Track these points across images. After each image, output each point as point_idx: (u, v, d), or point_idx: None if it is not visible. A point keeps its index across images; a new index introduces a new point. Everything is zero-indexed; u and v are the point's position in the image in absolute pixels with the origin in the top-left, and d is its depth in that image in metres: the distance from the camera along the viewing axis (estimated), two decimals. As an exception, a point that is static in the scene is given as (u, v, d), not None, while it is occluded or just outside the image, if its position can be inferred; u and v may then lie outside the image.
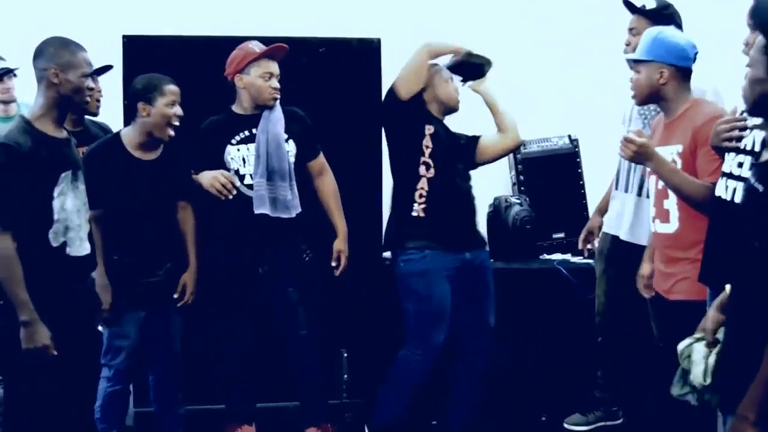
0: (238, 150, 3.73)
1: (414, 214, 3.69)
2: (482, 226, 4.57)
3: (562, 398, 4.16)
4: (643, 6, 3.71)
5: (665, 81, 3.12)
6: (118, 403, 3.55)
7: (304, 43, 4.17)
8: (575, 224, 4.38)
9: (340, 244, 3.88)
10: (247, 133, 3.74)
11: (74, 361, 2.98)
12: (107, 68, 3.74)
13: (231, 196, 3.64)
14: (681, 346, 2.48)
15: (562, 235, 4.60)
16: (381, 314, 4.09)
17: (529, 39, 4.87)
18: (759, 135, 2.50)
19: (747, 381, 2.11)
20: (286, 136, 3.75)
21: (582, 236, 4.11)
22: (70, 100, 3.01)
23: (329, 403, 3.95)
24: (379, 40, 4.22)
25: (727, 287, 2.38)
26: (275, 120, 3.73)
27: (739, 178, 2.60)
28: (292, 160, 3.75)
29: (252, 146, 3.71)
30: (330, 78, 4.15)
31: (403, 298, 3.72)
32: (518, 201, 4.49)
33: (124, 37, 4.05)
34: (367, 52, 4.19)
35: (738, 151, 2.67)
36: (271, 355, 3.94)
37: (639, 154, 2.97)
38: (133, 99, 3.48)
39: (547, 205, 4.59)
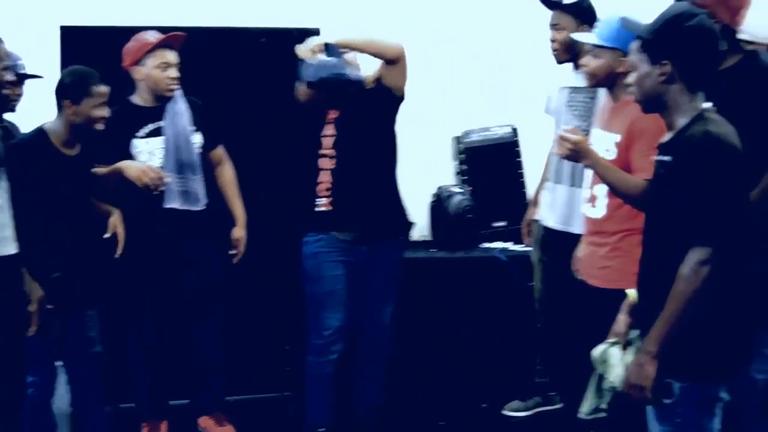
0: (146, 143, 3.68)
1: (318, 209, 3.65)
2: (424, 215, 4.65)
3: (502, 385, 4.22)
4: (560, 1, 3.77)
5: (623, 70, 3.15)
6: (43, 408, 3.43)
7: (245, 34, 4.16)
8: (516, 213, 4.44)
9: (239, 232, 3.90)
10: (152, 126, 3.69)
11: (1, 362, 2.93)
12: (35, 77, 3.65)
13: (161, 191, 3.58)
14: (596, 352, 2.56)
15: (503, 223, 4.66)
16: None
17: (468, 29, 4.90)
18: None
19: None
20: (193, 128, 3.74)
21: (524, 229, 4.18)
22: None
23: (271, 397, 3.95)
24: (318, 30, 4.22)
25: (632, 291, 2.51)
26: (180, 112, 3.72)
27: None
28: (200, 151, 3.76)
29: (159, 139, 3.68)
30: (270, 67, 4.15)
31: (302, 283, 3.71)
32: (460, 190, 4.54)
33: (61, 27, 4.01)
34: (290, 41, 4.18)
35: None
36: (183, 351, 3.93)
37: (574, 152, 2.97)
38: (60, 93, 3.32)
39: (489, 194, 4.64)
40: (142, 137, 3.68)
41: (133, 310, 3.75)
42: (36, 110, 3.68)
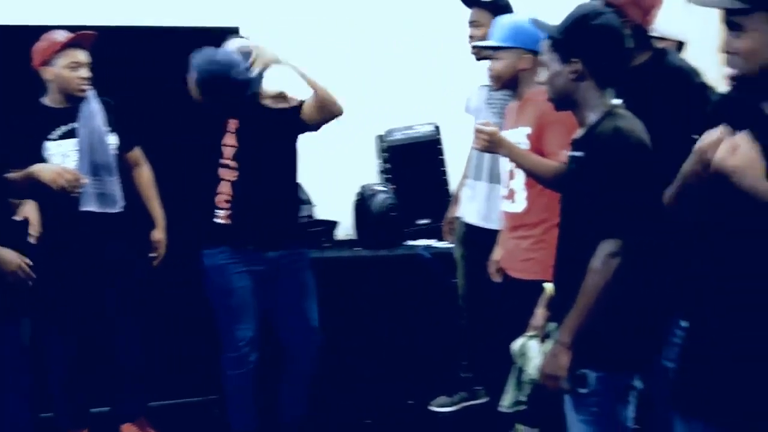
0: (59, 146, 3.60)
1: (217, 221, 3.57)
2: (349, 214, 4.65)
3: (428, 382, 4.24)
4: None
5: (526, 66, 3.22)
6: None
7: (163, 33, 4.11)
8: (439, 210, 4.46)
9: (159, 234, 3.87)
10: (65, 128, 3.61)
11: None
12: None
13: (77, 193, 3.49)
14: (515, 345, 2.61)
15: (426, 221, 4.68)
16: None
17: (390, 28, 4.92)
18: None
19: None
20: (108, 129, 3.68)
21: (445, 227, 4.21)
22: None
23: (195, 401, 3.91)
24: (237, 29, 4.18)
25: (549, 285, 2.56)
26: (94, 113, 3.65)
27: None
28: (116, 152, 3.70)
29: (73, 141, 3.60)
30: (187, 67, 4.09)
31: (209, 296, 3.62)
32: (383, 189, 4.54)
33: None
34: (206, 41, 4.14)
35: None
36: (104, 357, 3.86)
37: (491, 143, 3.05)
38: None
39: (412, 192, 4.66)
40: (55, 139, 3.60)
41: (52, 316, 3.66)
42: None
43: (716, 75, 2.11)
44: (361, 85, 4.85)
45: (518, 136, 3.20)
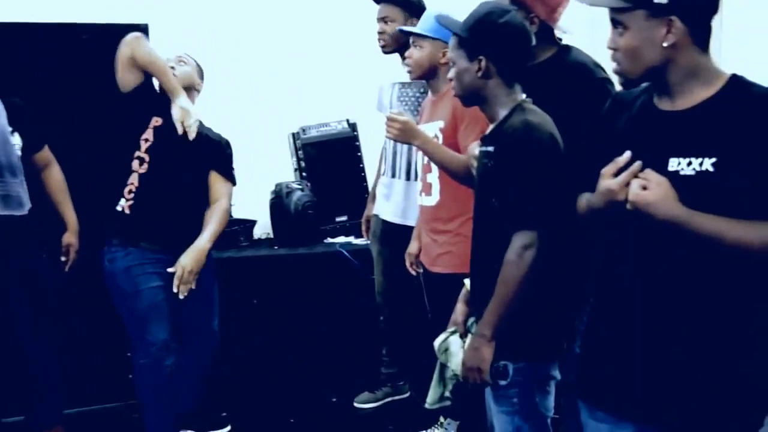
0: None
1: (119, 209, 3.49)
2: (266, 212, 4.61)
3: (351, 378, 4.24)
4: None
5: (444, 61, 3.22)
6: None
7: (68, 29, 4.01)
8: (357, 207, 4.46)
9: (70, 238, 3.80)
10: None
11: None
12: None
13: None
14: (437, 342, 2.62)
15: (344, 218, 4.67)
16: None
17: (303, 25, 4.90)
18: None
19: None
20: (10, 129, 3.56)
21: (363, 225, 4.21)
22: None
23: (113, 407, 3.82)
24: (146, 26, 4.11)
25: (467, 281, 2.59)
26: None
27: None
28: (19, 154, 3.59)
29: None
30: (96, 64, 4.00)
31: (115, 301, 3.51)
32: (299, 186, 4.51)
33: None
34: (112, 37, 4.06)
35: None
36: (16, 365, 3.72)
37: (403, 132, 3.04)
38: None
39: (329, 189, 4.64)
40: None
41: None
42: None
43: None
44: (274, 83, 4.83)
45: (433, 130, 3.22)
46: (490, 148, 2.44)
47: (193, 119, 3.50)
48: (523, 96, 2.47)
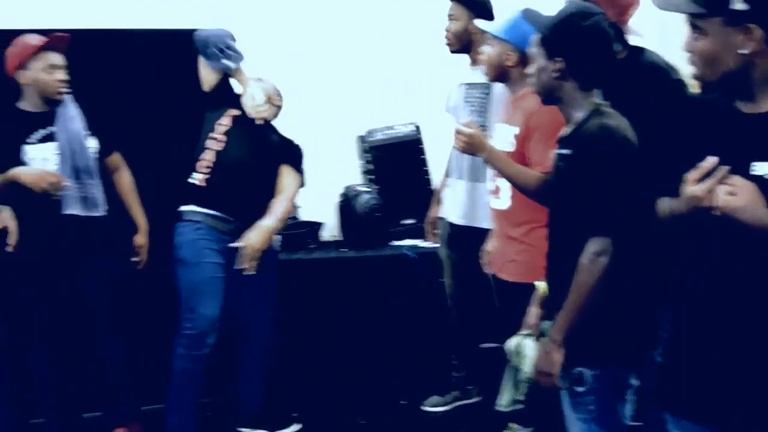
0: (39, 149, 3.57)
1: (193, 181, 3.72)
2: (333, 215, 4.63)
3: (419, 381, 4.23)
4: None
5: (510, 63, 3.21)
6: None
7: (124, 35, 4.08)
8: (423, 210, 4.43)
9: (141, 239, 3.88)
10: (44, 131, 3.58)
11: None
12: None
13: (60, 196, 3.50)
14: (510, 344, 2.60)
15: (411, 221, 4.66)
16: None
17: (370, 27, 4.91)
18: None
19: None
20: (87, 133, 3.66)
21: (427, 227, 4.21)
22: None
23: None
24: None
25: (541, 284, 2.56)
26: (72, 116, 3.63)
27: None
28: (96, 156, 3.69)
29: (53, 145, 3.57)
30: (148, 69, 4.08)
31: (176, 273, 3.67)
32: (367, 189, 4.53)
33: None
34: (190, 42, 4.13)
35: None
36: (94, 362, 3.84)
37: (470, 145, 2.99)
38: None
39: (396, 192, 4.64)
40: (34, 143, 3.56)
41: (32, 322, 3.62)
42: None
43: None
44: (342, 86, 4.84)
45: (508, 135, 3.19)
46: (567, 151, 2.42)
47: (262, 106, 3.76)
48: (601, 99, 2.44)
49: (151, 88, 4.07)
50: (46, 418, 3.76)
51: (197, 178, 3.71)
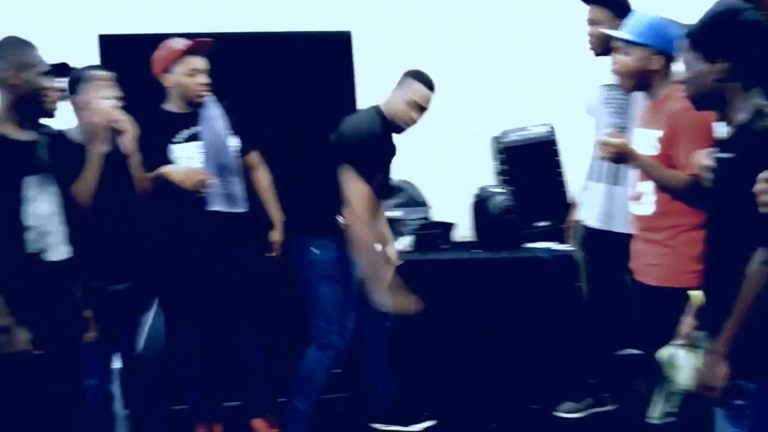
0: (184, 148, 3.69)
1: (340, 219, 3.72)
2: (466, 216, 4.61)
3: (552, 387, 4.17)
4: None
5: (655, 68, 3.12)
6: (104, 410, 3.47)
7: (278, 38, 4.16)
8: (557, 212, 4.40)
9: (276, 235, 3.94)
10: (188, 131, 3.70)
11: (54, 366, 2.94)
12: (63, 66, 3.55)
13: (205, 193, 3.63)
14: (663, 355, 2.53)
15: (545, 223, 4.61)
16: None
17: (506, 28, 4.87)
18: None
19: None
20: (228, 132, 3.76)
21: (566, 231, 4.15)
22: (33, 101, 2.94)
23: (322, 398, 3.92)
24: (349, 33, 4.20)
25: (696, 293, 2.48)
26: (215, 117, 3.74)
27: None
28: (237, 155, 3.79)
29: (197, 144, 3.69)
30: (302, 72, 4.13)
31: (315, 287, 3.73)
32: (501, 190, 4.50)
33: (100, 36, 4.01)
34: (339, 44, 4.17)
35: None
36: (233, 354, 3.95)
37: (619, 155, 2.96)
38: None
39: (530, 194, 4.59)
40: (180, 143, 3.69)
41: (182, 311, 3.75)
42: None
43: None
44: (476, 86, 4.82)
45: (650, 139, 3.10)
46: (728, 155, 2.32)
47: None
48: (763, 99, 2.34)
49: (288, 90, 4.14)
50: (190, 406, 3.88)
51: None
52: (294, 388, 3.77)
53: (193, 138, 3.70)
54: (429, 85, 3.75)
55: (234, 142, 3.79)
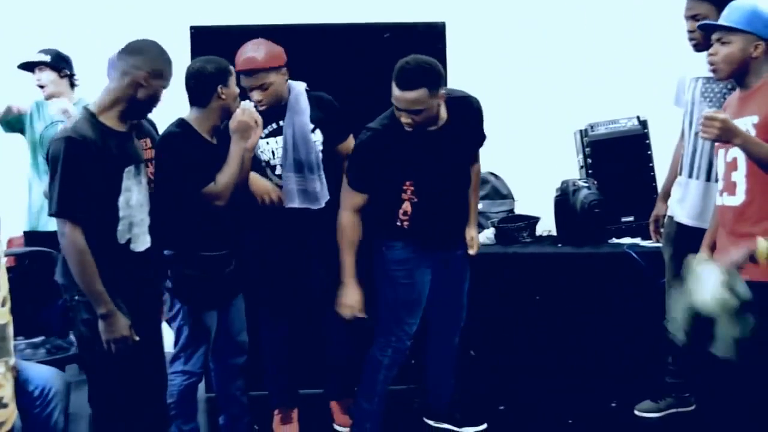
0: (267, 143, 3.73)
1: (398, 224, 3.60)
2: (550, 210, 4.57)
3: (632, 384, 4.11)
4: None
5: (757, 54, 3.06)
6: (194, 395, 3.52)
7: (370, 29, 4.18)
8: (645, 207, 4.29)
9: None
10: (274, 125, 3.72)
11: (142, 353, 3.05)
12: None
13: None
14: (693, 260, 2.54)
15: (631, 218, 4.51)
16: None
17: (597, 20, 4.81)
18: None
19: None
20: (312, 126, 3.75)
21: (652, 225, 4.06)
22: (143, 105, 3.06)
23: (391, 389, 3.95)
24: (443, 24, 4.20)
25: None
26: (301, 111, 3.72)
27: None
28: (320, 149, 3.76)
29: (280, 139, 3.71)
30: (395, 63, 4.14)
31: (381, 287, 3.65)
32: (586, 184, 4.42)
33: (191, 28, 4.11)
34: (433, 36, 4.17)
35: None
36: (310, 343, 4.02)
37: (724, 131, 2.90)
38: (211, 81, 3.31)
39: (616, 188, 4.50)
40: (264, 137, 3.71)
41: (263, 301, 3.82)
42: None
43: None
44: (563, 78, 4.78)
45: (745, 125, 3.02)
46: None
47: None
48: None
49: (381, 82, 4.15)
50: (270, 392, 3.97)
51: (401, 220, 3.60)
52: (359, 388, 3.78)
53: (276, 133, 3.73)
54: (399, 84, 3.36)
55: (318, 136, 3.78)
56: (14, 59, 4.34)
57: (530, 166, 4.73)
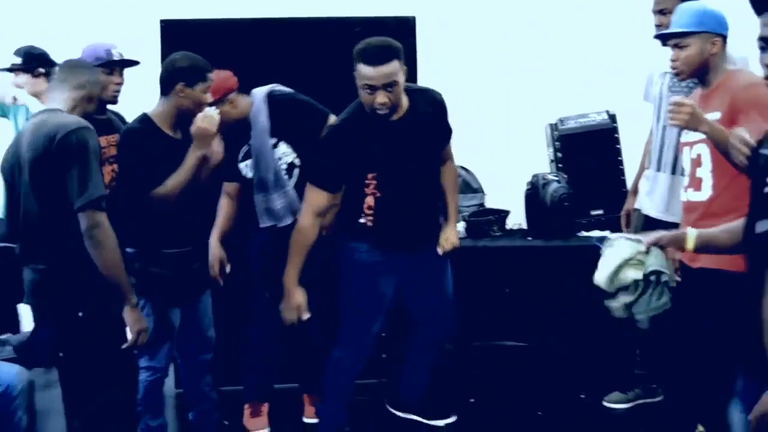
0: (244, 167, 3.76)
1: (362, 221, 3.47)
2: (520, 203, 4.59)
3: (601, 377, 4.15)
4: None
5: (717, 51, 3.11)
6: (160, 391, 3.50)
7: (341, 23, 4.18)
8: (614, 201, 4.34)
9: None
10: (245, 147, 3.74)
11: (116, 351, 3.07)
12: (134, 63, 3.60)
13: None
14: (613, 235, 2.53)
15: (600, 212, 4.55)
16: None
17: (567, 15, 4.84)
18: None
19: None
20: (274, 141, 3.71)
21: (623, 219, 4.10)
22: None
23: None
24: (414, 18, 4.21)
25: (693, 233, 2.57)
26: (258, 130, 3.70)
27: None
28: (289, 161, 3.73)
29: (248, 162, 3.75)
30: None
31: (343, 289, 3.56)
32: (556, 178, 4.45)
33: (161, 21, 4.09)
34: (403, 30, 4.17)
35: None
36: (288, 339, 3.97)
37: (692, 116, 2.92)
38: (173, 77, 3.27)
39: (586, 182, 4.54)
40: (240, 161, 3.76)
41: (264, 300, 3.80)
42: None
43: None
44: (533, 72, 4.80)
45: None
46: None
47: None
48: None
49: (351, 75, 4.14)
50: (245, 386, 3.98)
51: (365, 220, 3.48)
52: (323, 386, 3.72)
53: (247, 155, 3.74)
54: (372, 61, 3.23)
55: (284, 149, 3.73)
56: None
57: (501, 160, 4.75)
